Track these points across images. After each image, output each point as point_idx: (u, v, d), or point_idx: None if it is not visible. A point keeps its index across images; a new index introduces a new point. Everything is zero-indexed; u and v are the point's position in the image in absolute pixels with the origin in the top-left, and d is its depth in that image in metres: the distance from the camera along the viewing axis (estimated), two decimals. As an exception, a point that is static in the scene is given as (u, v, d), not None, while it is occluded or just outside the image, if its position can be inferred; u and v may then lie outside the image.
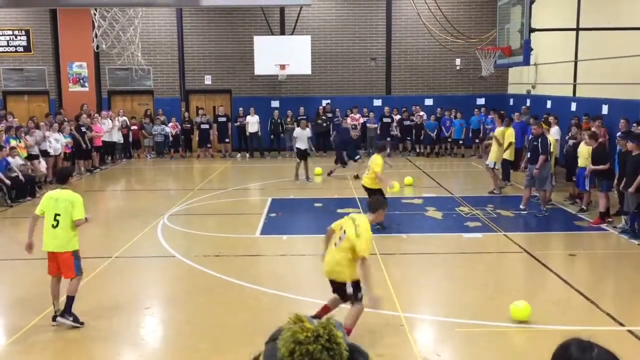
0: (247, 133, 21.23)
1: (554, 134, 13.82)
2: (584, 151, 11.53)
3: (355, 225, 5.98)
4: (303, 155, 16.11)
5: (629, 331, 6.53)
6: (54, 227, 6.70)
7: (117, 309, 7.48)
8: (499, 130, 13.97)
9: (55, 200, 6.75)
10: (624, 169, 10.26)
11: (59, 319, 6.76)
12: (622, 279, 8.57)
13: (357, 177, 16.91)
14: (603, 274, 8.92)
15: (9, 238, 11.22)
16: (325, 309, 6.34)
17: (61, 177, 7.08)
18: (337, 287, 6.10)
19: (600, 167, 10.96)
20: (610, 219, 11.10)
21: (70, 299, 6.75)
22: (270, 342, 1.96)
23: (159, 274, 9.07)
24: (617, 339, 6.29)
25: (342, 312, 6.28)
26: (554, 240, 10.86)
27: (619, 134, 11.35)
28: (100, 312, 7.28)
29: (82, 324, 6.77)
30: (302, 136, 16.25)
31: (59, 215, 6.68)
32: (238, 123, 21.36)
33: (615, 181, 10.76)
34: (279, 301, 7.56)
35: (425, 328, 6.95)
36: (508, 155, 13.97)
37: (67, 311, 6.74)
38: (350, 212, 12.13)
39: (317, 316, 5.90)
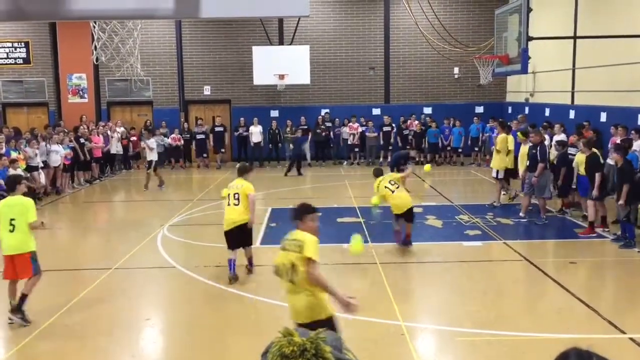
0: (252, 143, 21.27)
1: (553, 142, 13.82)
2: (582, 159, 11.54)
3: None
4: (150, 165, 16.76)
5: (631, 339, 6.51)
6: (11, 231, 7.07)
7: (117, 320, 7.46)
8: (500, 137, 13.94)
9: (8, 206, 7.15)
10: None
11: (10, 314, 7.04)
12: (622, 286, 8.56)
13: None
14: (603, 282, 8.91)
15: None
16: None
17: (10, 185, 7.46)
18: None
19: (597, 179, 10.94)
20: (607, 228, 11.12)
21: (24, 297, 7.04)
22: (263, 355, 1.97)
23: (158, 285, 9.05)
24: (619, 347, 6.28)
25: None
26: (554, 248, 10.86)
27: (610, 146, 11.41)
28: (100, 323, 7.27)
29: (29, 322, 7.01)
30: (152, 145, 16.73)
31: (14, 219, 7.05)
32: (239, 132, 21.40)
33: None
34: (280, 312, 7.54)
35: (427, 337, 6.93)
36: (507, 163, 13.93)
37: (19, 309, 7.02)
38: (350, 221, 12.23)
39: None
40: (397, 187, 9.94)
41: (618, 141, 11.54)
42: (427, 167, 13.60)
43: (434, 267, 9.45)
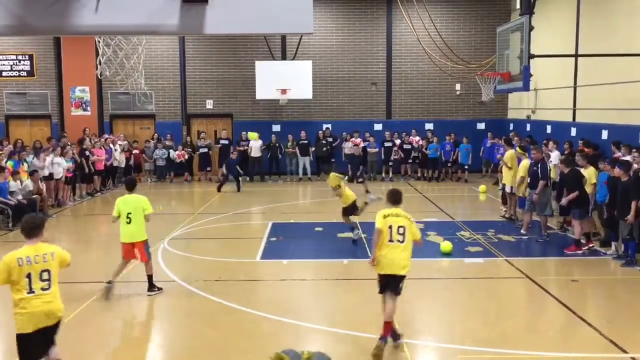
0: (250, 157, 21.31)
1: (554, 159, 13.84)
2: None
3: (406, 217, 6.75)
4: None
5: (632, 358, 6.47)
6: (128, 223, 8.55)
7: (116, 334, 7.43)
8: (508, 154, 13.94)
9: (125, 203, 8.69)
10: (615, 195, 10.27)
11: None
12: (624, 305, 8.51)
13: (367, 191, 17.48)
14: (605, 300, 8.86)
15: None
16: (389, 325, 6.56)
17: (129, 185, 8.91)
18: (396, 281, 6.62)
19: (572, 195, 10.99)
20: (591, 244, 11.12)
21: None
22: None
23: (158, 299, 9.01)
24: (621, 367, 6.23)
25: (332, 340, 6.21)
26: (556, 265, 10.81)
27: (607, 160, 11.41)
28: (99, 337, 7.23)
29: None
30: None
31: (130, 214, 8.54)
32: (242, 148, 21.43)
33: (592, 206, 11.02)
34: (280, 327, 7.51)
35: (427, 354, 6.89)
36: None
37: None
38: (350, 236, 12.18)
39: (384, 337, 6.40)
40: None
41: (627, 158, 11.53)
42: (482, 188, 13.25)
43: (434, 284, 9.41)
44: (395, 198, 6.94)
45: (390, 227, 6.66)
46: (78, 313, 7.93)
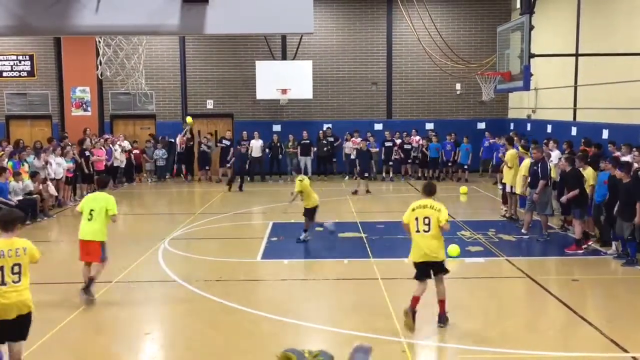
0: (250, 157, 21.29)
1: (554, 159, 13.83)
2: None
3: (433, 207, 7.17)
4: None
5: (633, 358, 6.47)
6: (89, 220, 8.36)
7: (117, 334, 7.43)
8: (509, 153, 13.95)
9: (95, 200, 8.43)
10: (615, 195, 10.27)
11: None
12: (625, 304, 8.50)
13: (355, 192, 17.84)
14: (606, 300, 8.85)
15: None
16: (443, 303, 7.35)
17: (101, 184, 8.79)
18: (436, 267, 7.30)
19: (572, 193, 11.00)
20: (589, 242, 11.15)
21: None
22: None
23: (159, 299, 9.01)
24: (622, 366, 6.23)
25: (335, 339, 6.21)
26: (556, 265, 10.81)
27: (608, 159, 11.41)
28: (99, 337, 7.24)
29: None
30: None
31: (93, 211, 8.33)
32: (240, 146, 21.39)
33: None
34: (280, 327, 7.51)
35: (428, 354, 6.89)
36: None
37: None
38: (351, 236, 12.20)
39: (412, 309, 7.14)
40: None
41: (625, 158, 11.53)
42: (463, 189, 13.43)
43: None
44: (428, 189, 7.46)
45: (416, 218, 7.21)
46: (77, 314, 7.93)
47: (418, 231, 7.17)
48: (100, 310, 8.18)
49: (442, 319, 7.28)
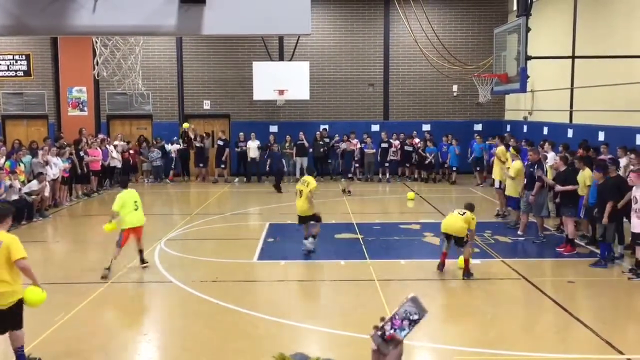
0: (249, 158, 21.28)
1: (550, 161, 13.86)
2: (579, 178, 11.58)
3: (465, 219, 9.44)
4: None
5: (629, 359, 6.49)
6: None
7: (114, 335, 7.42)
8: (500, 149, 14.03)
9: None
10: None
11: None
12: (620, 306, 8.53)
13: (349, 192, 18.18)
14: (601, 302, 8.87)
15: None
16: (468, 262, 9.46)
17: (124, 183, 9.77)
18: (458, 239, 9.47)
19: (569, 187, 11.08)
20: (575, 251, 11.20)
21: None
22: None
23: (155, 300, 9.01)
24: (617, 368, 6.24)
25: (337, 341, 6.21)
26: (552, 266, 10.83)
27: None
28: (96, 338, 7.22)
29: None
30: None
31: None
32: (239, 149, 21.41)
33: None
34: (277, 328, 7.51)
35: (424, 356, 6.89)
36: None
37: None
38: (348, 237, 12.20)
39: (466, 273, 9.34)
40: None
41: (621, 161, 11.60)
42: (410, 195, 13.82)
43: (431, 285, 9.42)
44: (469, 206, 9.96)
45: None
46: (74, 313, 7.91)
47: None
48: (97, 311, 8.16)
49: (468, 274, 9.38)
